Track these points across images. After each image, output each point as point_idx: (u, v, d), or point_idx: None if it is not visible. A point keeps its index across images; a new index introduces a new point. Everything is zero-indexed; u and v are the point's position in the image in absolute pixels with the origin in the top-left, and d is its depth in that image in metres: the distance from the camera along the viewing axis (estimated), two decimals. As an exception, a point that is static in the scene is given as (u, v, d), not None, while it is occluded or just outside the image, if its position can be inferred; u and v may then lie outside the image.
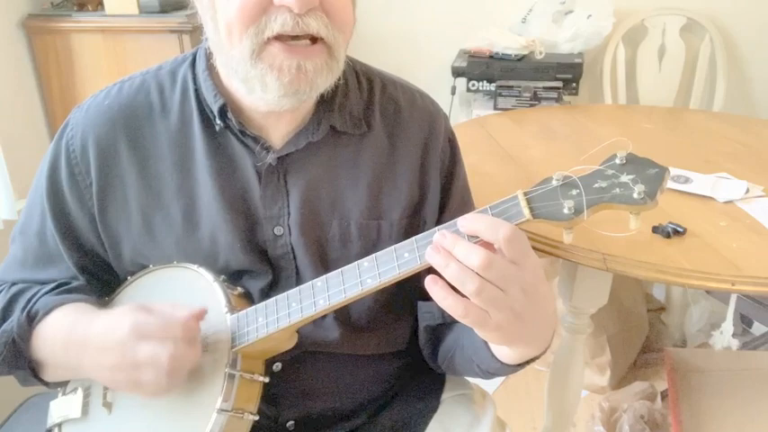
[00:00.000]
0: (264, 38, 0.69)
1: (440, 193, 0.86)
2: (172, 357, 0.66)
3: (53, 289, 0.80)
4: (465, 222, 0.62)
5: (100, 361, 0.70)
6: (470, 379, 1.03)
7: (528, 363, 0.73)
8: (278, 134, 0.80)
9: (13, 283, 0.84)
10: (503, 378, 1.99)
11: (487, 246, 0.61)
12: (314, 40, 0.70)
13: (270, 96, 0.72)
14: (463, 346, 0.80)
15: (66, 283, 0.82)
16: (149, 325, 0.68)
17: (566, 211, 0.61)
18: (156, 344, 0.67)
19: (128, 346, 0.67)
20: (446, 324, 0.85)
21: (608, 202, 0.61)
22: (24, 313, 0.77)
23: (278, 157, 0.79)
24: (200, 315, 0.71)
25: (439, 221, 0.85)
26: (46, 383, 0.80)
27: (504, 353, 0.71)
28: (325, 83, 0.73)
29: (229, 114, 0.78)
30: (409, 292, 0.84)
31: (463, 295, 0.61)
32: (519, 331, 0.64)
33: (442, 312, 0.82)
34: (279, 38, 0.69)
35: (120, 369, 0.69)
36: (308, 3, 0.67)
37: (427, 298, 0.83)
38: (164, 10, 1.99)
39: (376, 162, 0.83)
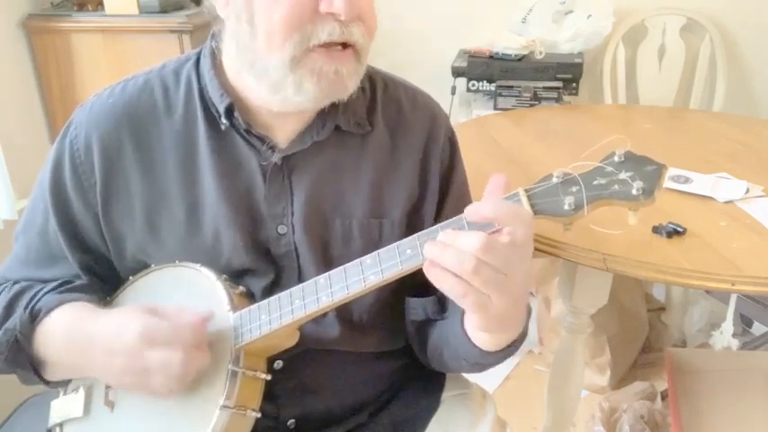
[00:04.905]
0: (310, 45, 0.70)
1: (438, 192, 0.86)
2: (182, 363, 0.67)
3: (56, 287, 0.80)
4: (482, 209, 0.61)
5: (107, 364, 0.71)
6: (471, 379, 1.03)
7: (508, 349, 0.73)
8: (283, 134, 0.80)
9: (16, 282, 0.84)
10: (503, 378, 2.00)
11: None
12: (344, 45, 0.72)
13: (300, 99, 0.73)
14: (448, 342, 0.81)
15: (68, 282, 0.82)
16: (159, 330, 0.68)
17: (566, 207, 0.62)
18: (167, 350, 0.67)
19: (137, 352, 0.68)
20: (431, 321, 0.85)
21: (607, 198, 0.62)
22: (27, 311, 0.77)
23: (283, 157, 0.80)
24: (207, 318, 0.72)
25: (436, 220, 0.86)
26: (47, 382, 0.80)
27: (486, 339, 0.72)
28: (354, 86, 0.75)
29: (236, 114, 0.78)
30: (409, 290, 0.85)
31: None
32: (512, 316, 0.65)
33: (426, 309, 0.83)
34: (322, 45, 0.70)
35: (129, 373, 0.70)
36: (354, 12, 0.69)
37: (416, 294, 0.83)
38: (164, 10, 1.99)
39: (378, 161, 0.84)
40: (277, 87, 0.73)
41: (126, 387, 0.73)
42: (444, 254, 0.61)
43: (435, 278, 0.62)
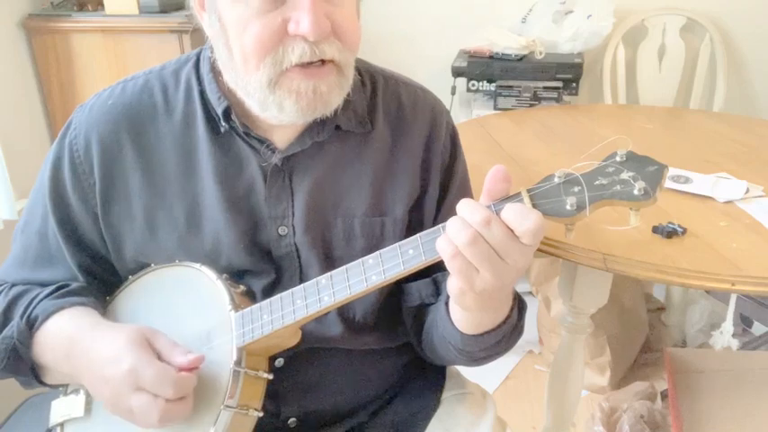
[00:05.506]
0: (283, 68, 0.70)
1: (439, 187, 0.86)
2: (161, 413, 0.67)
3: (52, 292, 0.80)
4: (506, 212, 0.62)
5: (98, 388, 0.72)
6: (471, 378, 1.03)
7: (489, 335, 0.73)
8: (283, 135, 0.80)
9: (13, 285, 0.83)
10: (503, 378, 2.00)
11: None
12: (323, 60, 0.72)
13: (285, 117, 0.74)
14: (437, 325, 0.81)
15: (65, 285, 0.81)
16: (145, 376, 0.68)
17: (568, 207, 0.62)
18: (149, 398, 0.67)
19: (123, 391, 0.68)
20: (426, 305, 0.85)
21: (609, 198, 0.62)
22: (24, 319, 0.77)
23: (283, 157, 0.80)
24: (198, 362, 0.71)
25: (436, 216, 0.86)
26: (48, 385, 0.80)
27: (463, 317, 0.72)
28: (337, 100, 0.75)
29: (233, 117, 0.78)
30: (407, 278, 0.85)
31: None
32: (495, 298, 0.67)
33: (421, 292, 0.84)
34: (298, 64, 0.70)
35: (115, 405, 0.70)
36: (322, 32, 0.69)
37: (412, 280, 0.83)
38: (164, 10, 2.00)
39: (379, 159, 0.84)
40: (262, 106, 0.74)
41: (113, 413, 0.73)
42: (449, 222, 0.63)
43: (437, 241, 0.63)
